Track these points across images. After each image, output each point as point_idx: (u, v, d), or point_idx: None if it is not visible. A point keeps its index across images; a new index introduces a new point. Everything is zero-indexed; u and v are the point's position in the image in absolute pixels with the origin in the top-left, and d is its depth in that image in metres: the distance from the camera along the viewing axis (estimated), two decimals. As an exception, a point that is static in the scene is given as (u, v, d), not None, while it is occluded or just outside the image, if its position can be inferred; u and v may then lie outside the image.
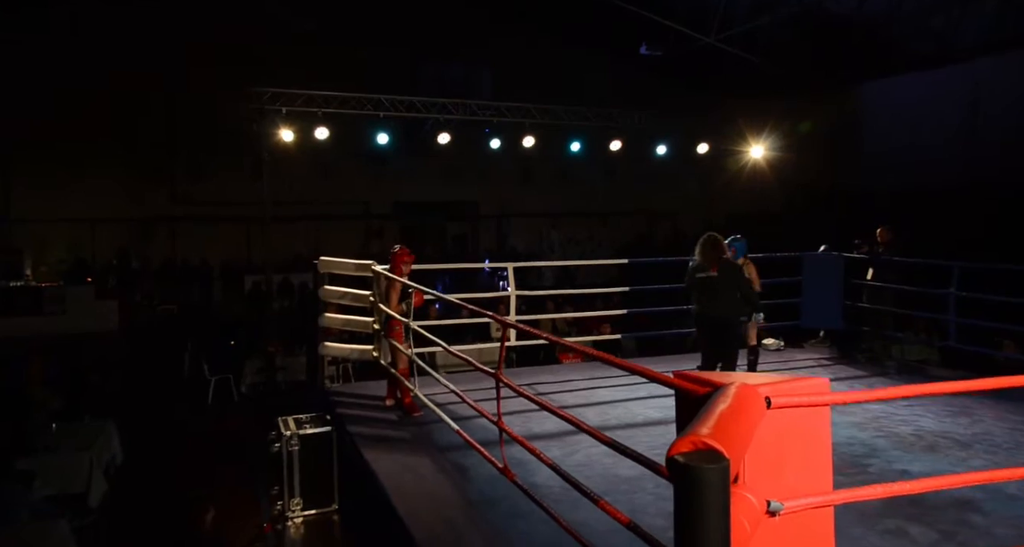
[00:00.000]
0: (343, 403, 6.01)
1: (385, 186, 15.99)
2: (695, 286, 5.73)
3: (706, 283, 5.62)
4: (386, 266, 6.28)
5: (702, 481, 1.36)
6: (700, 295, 5.69)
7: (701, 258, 5.67)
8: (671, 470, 1.43)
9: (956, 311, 6.55)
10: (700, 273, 5.64)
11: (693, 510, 1.37)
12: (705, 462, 1.38)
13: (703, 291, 5.65)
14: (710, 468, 1.37)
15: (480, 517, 3.82)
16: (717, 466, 1.37)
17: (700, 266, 5.65)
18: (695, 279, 5.70)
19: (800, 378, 2.09)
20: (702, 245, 5.69)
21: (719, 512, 1.37)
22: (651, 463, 2.05)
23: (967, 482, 2.15)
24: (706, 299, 5.66)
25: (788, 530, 1.99)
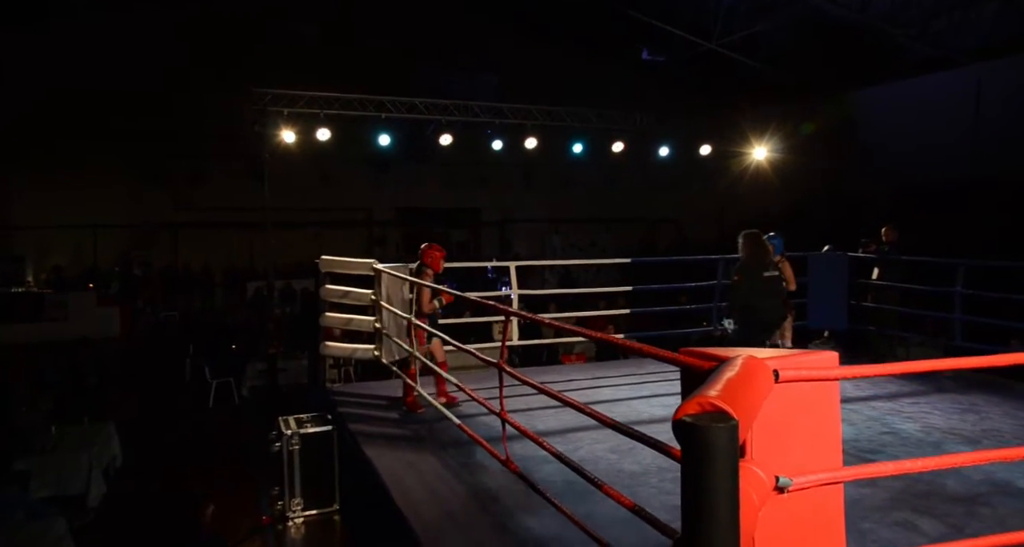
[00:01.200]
0: (345, 402, 5.95)
1: (387, 192, 16.01)
2: (758, 287, 5.28)
3: (771, 284, 5.30)
4: (391, 265, 6.27)
5: (711, 441, 1.32)
6: (764, 297, 5.28)
7: (761, 256, 5.36)
8: (677, 433, 1.39)
9: (962, 310, 6.50)
10: (766, 272, 5.32)
11: (701, 472, 1.33)
12: (714, 422, 1.34)
13: (768, 293, 5.28)
14: (719, 427, 1.32)
15: (483, 511, 3.77)
16: (726, 425, 1.33)
17: (764, 264, 5.34)
18: (759, 279, 5.28)
19: (809, 352, 2.05)
20: (756, 242, 5.41)
21: (728, 474, 1.33)
22: (657, 443, 2.01)
23: (977, 460, 2.10)
24: (771, 301, 5.31)
25: (797, 507, 1.94)
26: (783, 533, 1.94)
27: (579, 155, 12.45)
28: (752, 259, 5.39)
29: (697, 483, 1.34)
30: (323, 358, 6.68)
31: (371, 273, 6.21)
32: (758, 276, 5.30)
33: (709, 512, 1.33)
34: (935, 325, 7.31)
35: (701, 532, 1.33)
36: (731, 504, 1.34)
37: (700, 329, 8.33)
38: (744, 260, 5.46)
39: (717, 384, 1.55)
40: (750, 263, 5.39)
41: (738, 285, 5.36)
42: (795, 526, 1.96)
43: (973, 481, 3.98)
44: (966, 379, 6.27)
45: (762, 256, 5.40)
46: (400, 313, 5.69)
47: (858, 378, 5.86)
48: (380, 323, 6.14)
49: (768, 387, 1.88)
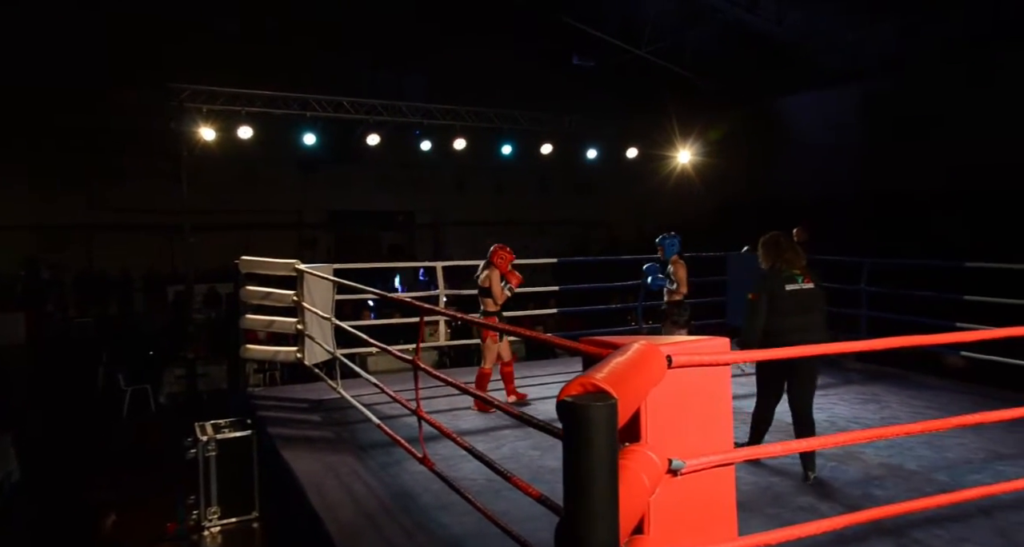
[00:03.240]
0: (266, 406, 5.79)
1: (318, 195, 15.69)
2: (783, 302, 4.07)
3: (799, 298, 4.08)
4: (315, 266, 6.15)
5: (589, 419, 1.35)
6: (789, 314, 4.05)
7: (783, 263, 4.16)
8: (560, 414, 1.42)
9: (867, 305, 6.87)
10: (791, 284, 4.10)
11: (581, 450, 1.36)
12: (593, 401, 1.37)
13: (796, 309, 4.07)
14: (597, 406, 1.36)
15: (402, 510, 3.73)
16: (604, 404, 1.36)
17: (789, 275, 4.12)
18: (784, 292, 4.07)
19: (702, 338, 2.13)
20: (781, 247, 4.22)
21: (607, 452, 1.36)
22: (545, 426, 2.04)
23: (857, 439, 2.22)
24: (800, 319, 4.05)
25: (690, 488, 2.00)
26: (677, 513, 2.00)
27: (509, 157, 12.52)
28: (773, 267, 4.22)
29: (577, 460, 1.37)
30: (244, 362, 6.48)
31: (293, 274, 6.07)
32: (776, 288, 4.11)
33: (589, 488, 1.36)
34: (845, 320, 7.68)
35: (582, 507, 1.36)
36: (610, 480, 1.37)
37: (626, 327, 8.51)
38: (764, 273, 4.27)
39: (603, 367, 1.59)
40: (769, 274, 4.21)
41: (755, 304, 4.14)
42: (689, 507, 2.02)
43: (871, 466, 4.21)
44: (870, 372, 6.63)
45: (789, 262, 4.19)
46: (323, 314, 5.58)
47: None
48: (302, 325, 6.00)
49: (661, 372, 1.93)
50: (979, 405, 5.18)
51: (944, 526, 3.30)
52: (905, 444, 4.49)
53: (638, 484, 1.73)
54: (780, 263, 4.18)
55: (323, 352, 5.78)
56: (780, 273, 4.14)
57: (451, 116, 11.20)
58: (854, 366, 6.87)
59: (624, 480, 1.69)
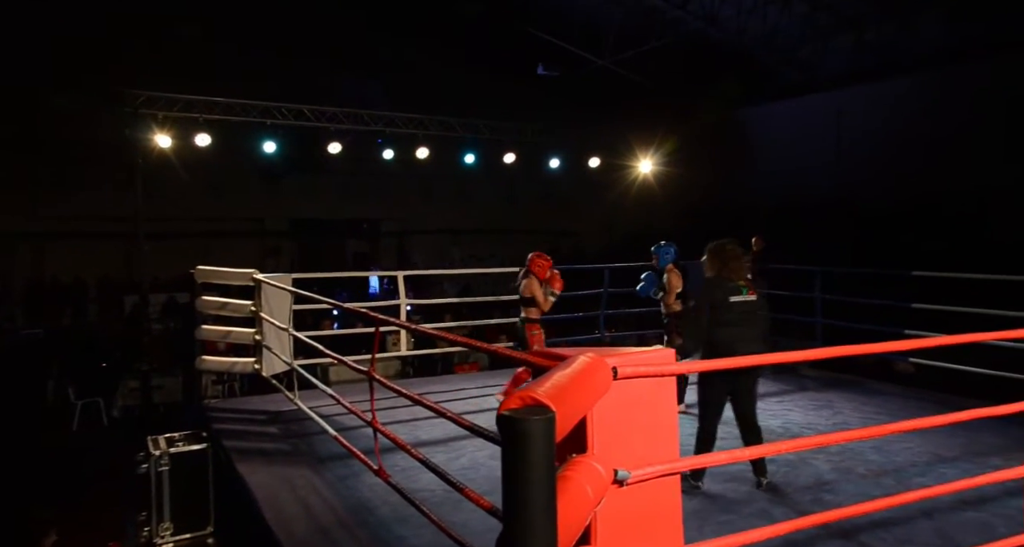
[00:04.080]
0: (222, 419, 5.69)
1: (281, 203, 15.49)
2: (728, 312, 4.07)
3: (743, 309, 4.11)
4: (274, 276, 6.08)
5: (526, 433, 1.36)
6: (733, 325, 4.06)
7: (728, 273, 4.15)
8: (499, 428, 1.43)
9: (822, 313, 7.04)
10: (735, 296, 4.11)
11: (518, 463, 1.37)
12: (531, 415, 1.39)
13: (739, 320, 4.08)
14: (535, 420, 1.37)
15: (358, 523, 3.70)
16: (542, 417, 1.38)
17: (734, 286, 4.12)
18: (728, 303, 4.08)
19: (647, 349, 2.16)
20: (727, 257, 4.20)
21: (544, 465, 1.37)
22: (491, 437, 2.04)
23: (803, 446, 2.27)
24: (743, 330, 4.06)
25: (637, 498, 2.03)
26: (624, 523, 2.02)
27: (472, 166, 12.55)
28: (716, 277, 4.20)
29: (515, 474, 1.38)
30: (201, 374, 6.35)
31: (251, 284, 5.98)
32: (720, 298, 4.10)
33: (526, 501, 1.36)
34: (802, 328, 7.86)
35: (519, 521, 1.37)
36: (548, 493, 1.38)
37: (589, 336, 8.56)
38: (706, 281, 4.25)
39: (545, 380, 1.61)
40: (713, 284, 4.19)
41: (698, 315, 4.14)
42: (635, 516, 2.04)
43: (822, 470, 4.30)
44: (824, 379, 6.78)
45: (735, 272, 4.18)
46: (281, 325, 5.51)
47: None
48: (260, 335, 5.92)
49: (606, 383, 1.96)
50: (926, 410, 5.33)
51: (888, 529, 3.39)
52: (856, 449, 4.61)
53: (582, 495, 1.75)
54: (725, 272, 4.18)
55: (281, 363, 5.71)
56: (725, 283, 4.16)
57: (414, 124, 11.19)
58: (809, 373, 7.02)
59: (567, 491, 1.71)
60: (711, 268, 4.26)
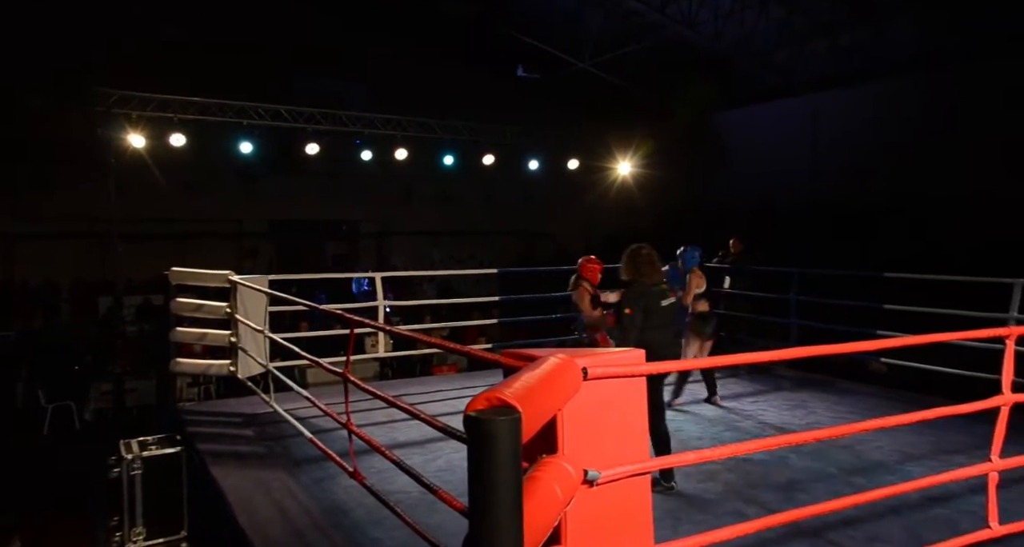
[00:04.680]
0: (197, 421, 5.62)
1: (259, 203, 15.31)
2: (658, 317, 4.18)
3: (669, 312, 4.23)
4: (249, 277, 6.03)
5: (492, 433, 1.37)
6: (661, 328, 4.18)
7: (653, 276, 4.25)
8: (466, 428, 1.43)
9: (797, 314, 7.13)
10: (664, 300, 4.23)
11: (484, 464, 1.37)
12: (497, 415, 1.39)
13: (666, 323, 4.21)
14: (500, 420, 1.38)
15: (333, 526, 3.68)
16: (507, 418, 1.38)
17: (659, 290, 4.25)
18: (659, 307, 4.19)
19: (617, 350, 2.18)
20: (643, 260, 4.27)
21: (510, 465, 1.38)
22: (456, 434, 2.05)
23: (770, 445, 2.31)
24: (667, 333, 4.22)
25: (607, 498, 2.05)
26: (594, 523, 2.04)
27: (451, 167, 12.53)
28: (643, 281, 4.26)
29: (480, 474, 1.38)
30: (176, 376, 6.28)
31: (227, 285, 5.92)
32: (649, 301, 4.18)
33: (492, 501, 1.37)
34: (779, 329, 7.95)
35: (485, 521, 1.37)
36: (514, 493, 1.39)
37: (568, 337, 8.57)
38: (629, 286, 4.31)
39: (512, 381, 1.61)
40: (639, 288, 4.25)
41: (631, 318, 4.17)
42: (606, 516, 2.06)
43: (796, 470, 4.36)
44: (799, 379, 6.87)
45: (657, 274, 4.29)
46: (256, 327, 5.46)
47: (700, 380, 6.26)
48: (236, 337, 5.86)
49: (576, 384, 1.98)
50: (896, 410, 5.38)
51: (857, 526, 3.45)
52: (828, 449, 4.67)
53: (551, 496, 1.76)
54: (641, 276, 4.26)
55: (257, 365, 5.66)
56: (652, 288, 4.27)
57: (392, 125, 11.14)
58: (784, 373, 7.12)
59: (536, 491, 1.72)
60: (627, 272, 4.35)
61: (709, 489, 4.09)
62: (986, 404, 2.67)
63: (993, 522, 2.69)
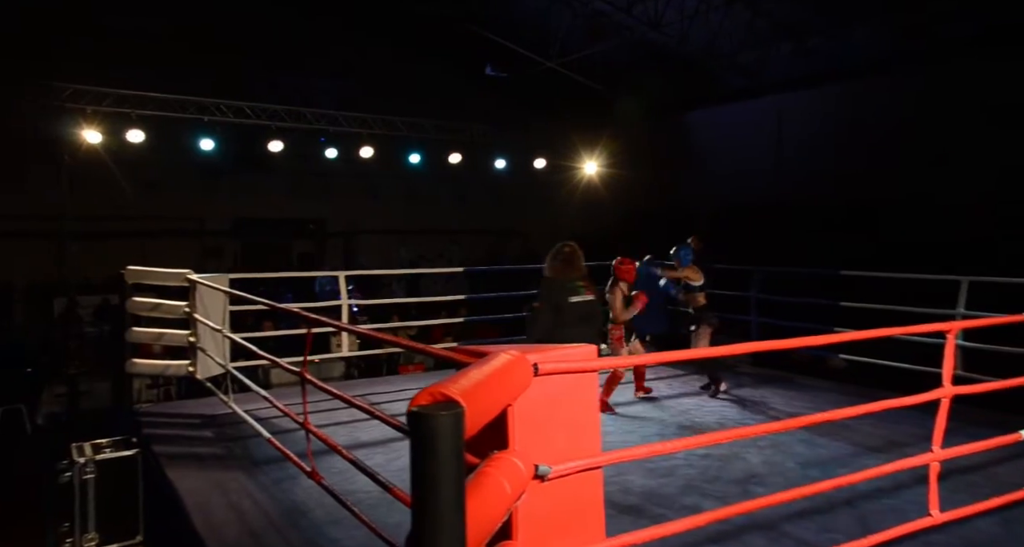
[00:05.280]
0: (154, 424, 5.51)
1: (223, 202, 15.03)
2: (567, 313, 4.26)
3: (582, 309, 4.31)
4: (209, 276, 5.92)
5: (434, 428, 1.36)
6: (572, 325, 4.25)
7: (568, 274, 4.34)
8: (409, 424, 1.42)
9: (757, 312, 7.25)
10: (574, 296, 4.31)
11: (426, 458, 1.37)
12: (439, 410, 1.39)
13: (577, 320, 4.27)
14: (442, 415, 1.37)
15: (290, 526, 3.63)
16: (449, 413, 1.38)
17: (572, 286, 4.32)
18: (568, 303, 4.27)
19: (569, 346, 2.19)
20: (562, 258, 4.39)
21: (452, 460, 1.37)
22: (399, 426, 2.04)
23: (711, 441, 2.33)
24: (580, 329, 4.22)
25: (558, 493, 2.06)
26: (546, 518, 2.04)
27: (417, 166, 12.47)
28: (556, 280, 4.37)
29: (422, 469, 1.38)
30: (132, 378, 6.14)
31: (185, 284, 5.81)
32: (559, 299, 4.29)
33: (434, 497, 1.36)
34: (738, 326, 8.07)
35: (427, 516, 1.37)
36: (456, 488, 1.38)
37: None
38: (542, 282, 4.40)
39: (458, 377, 1.61)
40: (551, 285, 4.36)
41: (541, 314, 4.30)
42: (557, 511, 2.07)
43: (753, 464, 4.43)
44: (761, 375, 6.99)
45: (574, 273, 4.40)
46: (216, 327, 5.37)
47: (670, 377, 6.34)
48: (195, 337, 5.76)
49: (527, 380, 1.98)
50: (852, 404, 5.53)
51: (812, 518, 3.52)
52: (786, 443, 4.76)
53: (498, 491, 1.76)
54: (562, 273, 4.36)
55: (217, 365, 5.57)
56: (564, 284, 4.33)
57: (357, 123, 11.03)
58: (746, 370, 7.23)
59: (483, 486, 1.72)
60: (550, 269, 4.44)
61: (668, 484, 4.13)
62: (928, 396, 2.75)
63: (934, 510, 2.77)
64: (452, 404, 1.43)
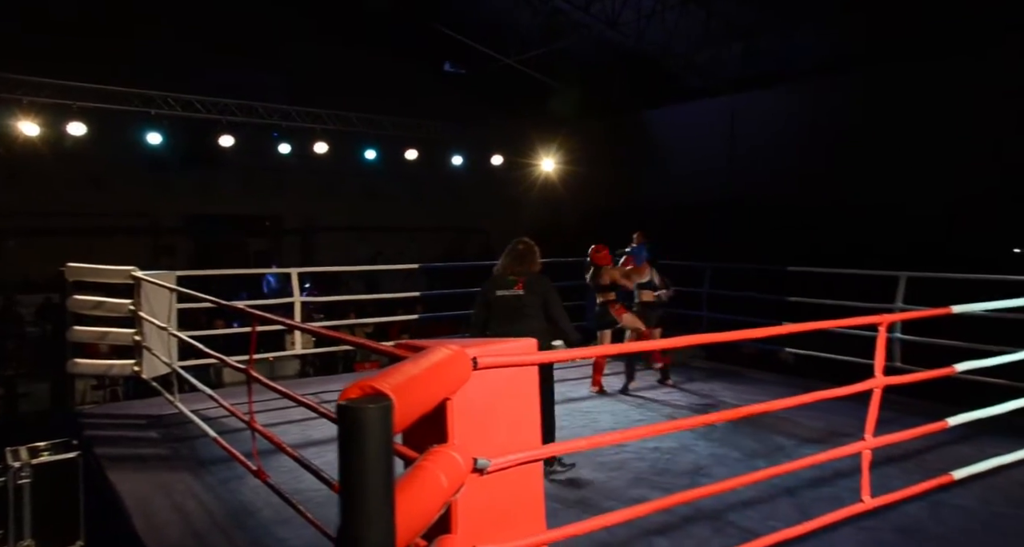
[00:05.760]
0: (97, 425, 5.35)
1: (174, 198, 14.63)
2: (494, 308, 4.27)
3: (508, 303, 4.24)
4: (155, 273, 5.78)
5: (362, 420, 1.36)
6: (499, 319, 4.25)
7: (511, 269, 4.31)
8: (338, 417, 1.42)
9: (708, 307, 7.40)
10: (501, 290, 4.27)
11: (353, 451, 1.36)
12: (367, 403, 1.38)
13: (503, 314, 4.25)
14: (370, 408, 1.37)
15: (237, 527, 3.57)
16: (377, 405, 1.37)
17: (504, 281, 4.30)
18: (492, 297, 4.28)
19: (509, 340, 2.20)
20: (508, 254, 4.38)
21: (380, 452, 1.37)
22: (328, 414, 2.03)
23: (654, 432, 2.38)
24: (507, 324, 4.19)
25: (498, 486, 2.07)
26: (485, 511, 2.05)
27: (374, 162, 12.35)
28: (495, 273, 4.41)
29: (350, 462, 1.37)
30: (73, 378, 5.95)
31: (130, 282, 5.66)
32: (487, 294, 4.33)
33: (362, 490, 1.36)
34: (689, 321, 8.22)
35: (355, 509, 1.36)
36: (384, 481, 1.37)
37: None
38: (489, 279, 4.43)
39: (391, 370, 1.61)
40: (488, 282, 4.38)
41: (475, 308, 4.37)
42: (497, 504, 2.08)
43: (702, 456, 4.52)
44: (712, 370, 7.13)
45: (505, 269, 4.36)
46: (161, 324, 5.24)
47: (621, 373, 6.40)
48: (140, 336, 5.61)
49: (465, 374, 1.98)
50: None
51: (755, 507, 3.61)
52: (733, 435, 4.88)
53: (434, 484, 1.76)
54: (501, 270, 4.39)
55: (164, 365, 5.43)
56: (497, 279, 4.36)
57: (311, 118, 10.84)
58: (698, 365, 7.36)
59: (418, 479, 1.72)
60: (499, 265, 4.47)
61: (617, 477, 4.19)
62: (860, 387, 2.85)
63: (866, 496, 2.87)
64: (381, 397, 1.42)
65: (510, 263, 4.36)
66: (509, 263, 4.36)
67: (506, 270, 4.35)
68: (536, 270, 4.40)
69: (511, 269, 4.34)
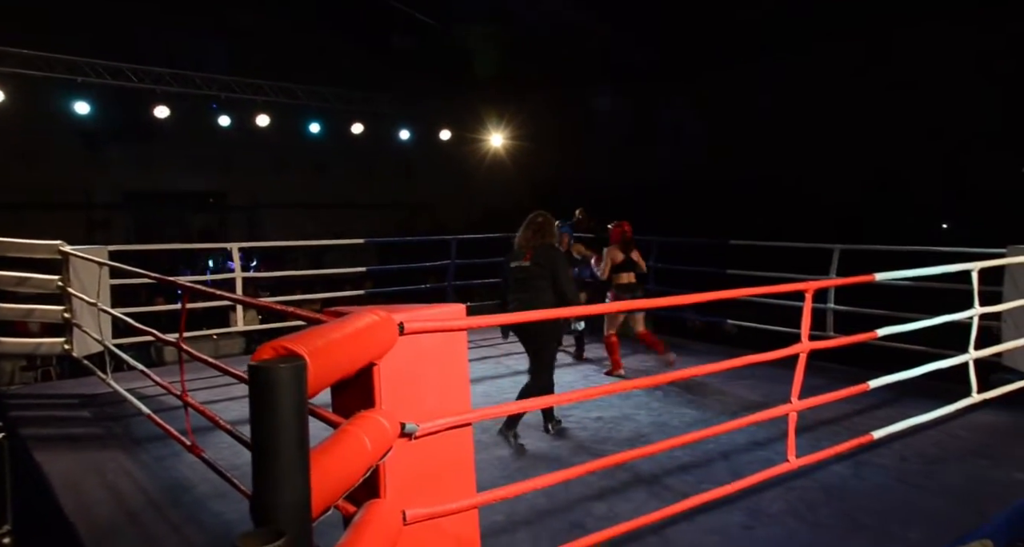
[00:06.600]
0: (23, 406, 5.15)
1: (110, 172, 14.02)
2: (507, 278, 4.52)
3: (517, 274, 4.44)
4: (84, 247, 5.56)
5: (273, 380, 1.32)
6: (512, 289, 4.46)
7: (529, 241, 4.49)
8: (249, 377, 1.38)
9: (655, 281, 7.52)
10: (514, 261, 4.48)
11: (264, 411, 1.33)
12: (279, 364, 1.35)
13: (515, 284, 4.44)
14: (281, 368, 1.33)
15: (172, 504, 3.50)
16: (289, 365, 1.34)
17: (516, 253, 4.52)
18: (507, 269, 4.52)
19: (438, 305, 2.18)
20: (527, 226, 4.56)
21: (292, 413, 1.34)
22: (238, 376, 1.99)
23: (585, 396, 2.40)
24: (518, 294, 4.40)
25: (427, 450, 2.06)
26: (415, 474, 2.05)
27: (319, 136, 12.03)
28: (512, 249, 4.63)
29: (261, 424, 1.34)
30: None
31: (57, 257, 5.42)
32: (504, 266, 4.61)
33: (274, 452, 1.33)
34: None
35: (267, 472, 1.33)
36: (297, 443, 1.35)
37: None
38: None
39: (308, 332, 1.57)
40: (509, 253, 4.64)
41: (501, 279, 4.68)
42: (426, 468, 2.08)
43: (642, 425, 4.62)
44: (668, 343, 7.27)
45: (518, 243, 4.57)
46: (91, 300, 5.04)
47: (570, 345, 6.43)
48: (70, 313, 5.39)
49: (391, 339, 1.96)
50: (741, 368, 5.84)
51: (691, 471, 3.72)
52: (675, 404, 5.00)
53: (358, 447, 1.75)
54: (519, 242, 4.58)
55: (96, 342, 5.24)
56: (513, 251, 4.58)
57: (252, 90, 10.44)
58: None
59: (341, 443, 1.70)
60: (518, 237, 4.66)
61: (560, 446, 4.25)
62: (787, 352, 2.94)
63: (791, 456, 2.98)
64: (294, 357, 1.39)
65: (527, 235, 4.52)
66: (526, 235, 4.53)
67: (521, 242, 4.54)
68: (548, 242, 4.52)
69: (526, 241, 4.51)
